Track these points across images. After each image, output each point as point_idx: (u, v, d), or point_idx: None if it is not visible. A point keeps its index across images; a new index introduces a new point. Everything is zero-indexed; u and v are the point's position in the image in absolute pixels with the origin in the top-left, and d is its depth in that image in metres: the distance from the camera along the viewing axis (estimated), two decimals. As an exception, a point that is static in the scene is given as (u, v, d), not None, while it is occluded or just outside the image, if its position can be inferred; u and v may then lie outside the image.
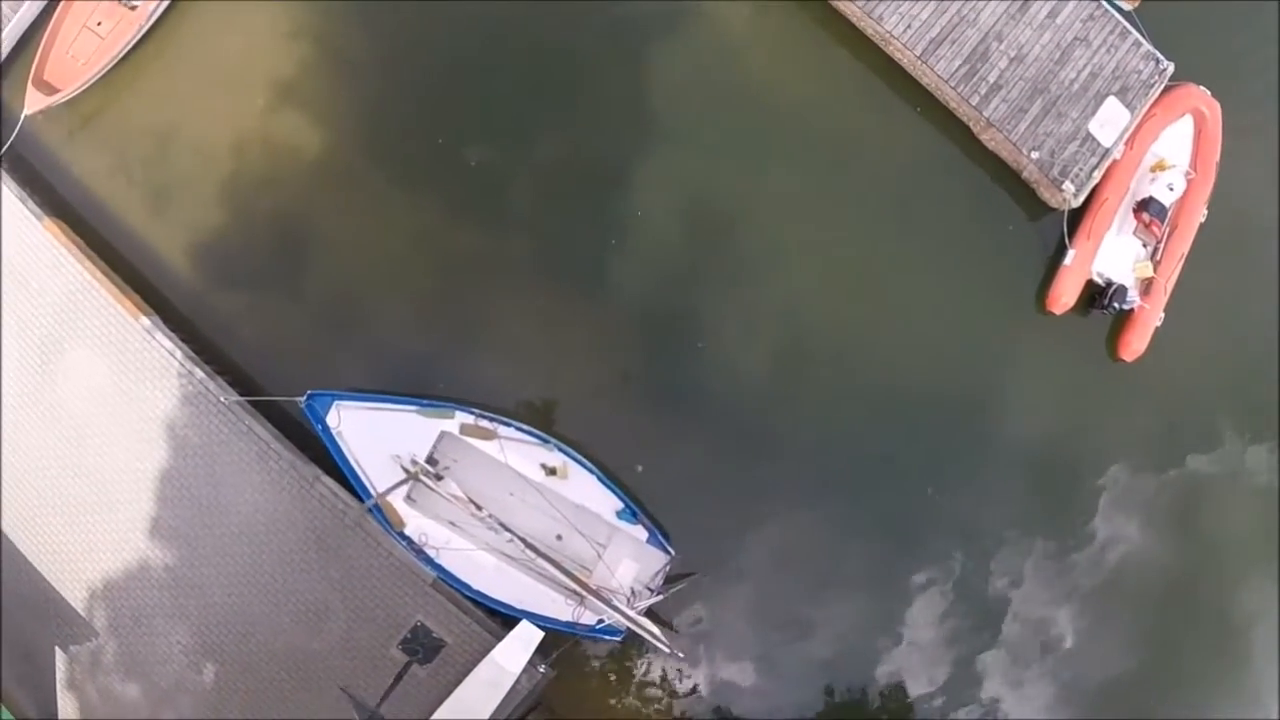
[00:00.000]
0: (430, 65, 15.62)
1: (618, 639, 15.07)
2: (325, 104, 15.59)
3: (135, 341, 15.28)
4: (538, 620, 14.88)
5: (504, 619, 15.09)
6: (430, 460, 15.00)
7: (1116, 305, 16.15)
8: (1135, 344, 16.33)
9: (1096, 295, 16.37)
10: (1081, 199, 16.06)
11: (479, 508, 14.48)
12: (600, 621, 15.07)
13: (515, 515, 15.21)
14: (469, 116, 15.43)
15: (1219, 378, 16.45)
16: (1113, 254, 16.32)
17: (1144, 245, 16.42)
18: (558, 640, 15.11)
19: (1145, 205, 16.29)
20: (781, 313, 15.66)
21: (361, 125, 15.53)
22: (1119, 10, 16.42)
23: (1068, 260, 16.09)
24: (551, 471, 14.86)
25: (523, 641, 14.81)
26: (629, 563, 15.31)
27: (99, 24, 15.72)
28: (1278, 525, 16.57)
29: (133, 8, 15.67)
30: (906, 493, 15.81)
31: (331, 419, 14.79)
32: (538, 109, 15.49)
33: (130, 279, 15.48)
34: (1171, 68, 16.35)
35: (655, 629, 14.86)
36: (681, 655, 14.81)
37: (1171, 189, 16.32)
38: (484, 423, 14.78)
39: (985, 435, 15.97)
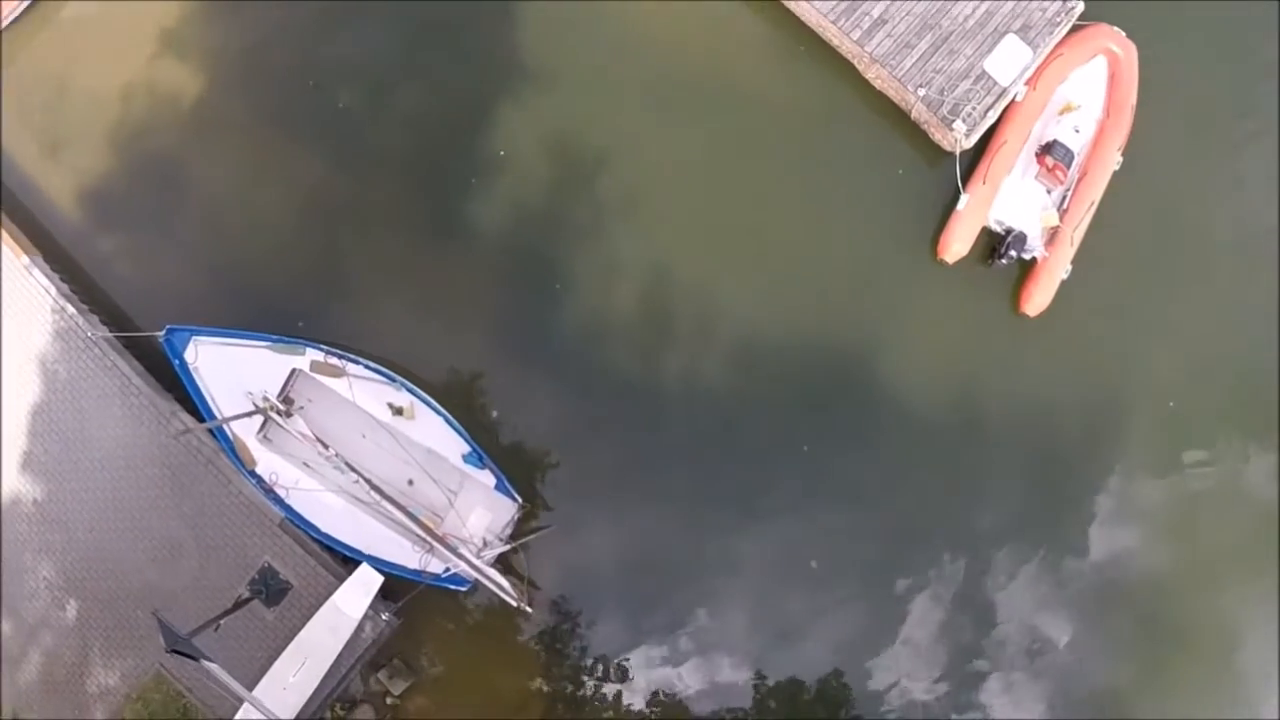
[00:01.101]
0: (306, 8, 15.77)
1: (464, 589, 14.52)
2: (207, 52, 15.93)
3: (14, 279, 15.70)
4: (381, 565, 14.49)
5: (351, 564, 14.73)
6: (286, 400, 14.88)
7: (1014, 253, 14.98)
8: (1038, 296, 15.09)
9: (996, 245, 15.34)
10: (973, 140, 15.06)
11: (326, 446, 14.20)
12: (448, 571, 14.56)
13: (367, 459, 14.86)
14: (340, 58, 15.48)
15: (1130, 336, 15.11)
16: (1013, 200, 15.19)
17: (1048, 192, 15.27)
18: (405, 589, 14.69)
19: (1049, 149, 15.14)
20: (650, 258, 15.07)
21: (239, 71, 15.79)
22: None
23: (960, 205, 15.03)
24: (399, 411, 14.52)
25: (363, 585, 14.42)
26: (481, 511, 14.79)
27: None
28: (1278, 523, 15.09)
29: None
30: (782, 446, 14.90)
31: (189, 354, 14.82)
32: (409, 49, 15.44)
33: (18, 219, 16.00)
34: (1081, 6, 15.29)
35: (503, 581, 14.22)
36: (529, 610, 14.11)
37: (1078, 131, 15.16)
38: (333, 360, 14.56)
39: (871, 388, 14.95)
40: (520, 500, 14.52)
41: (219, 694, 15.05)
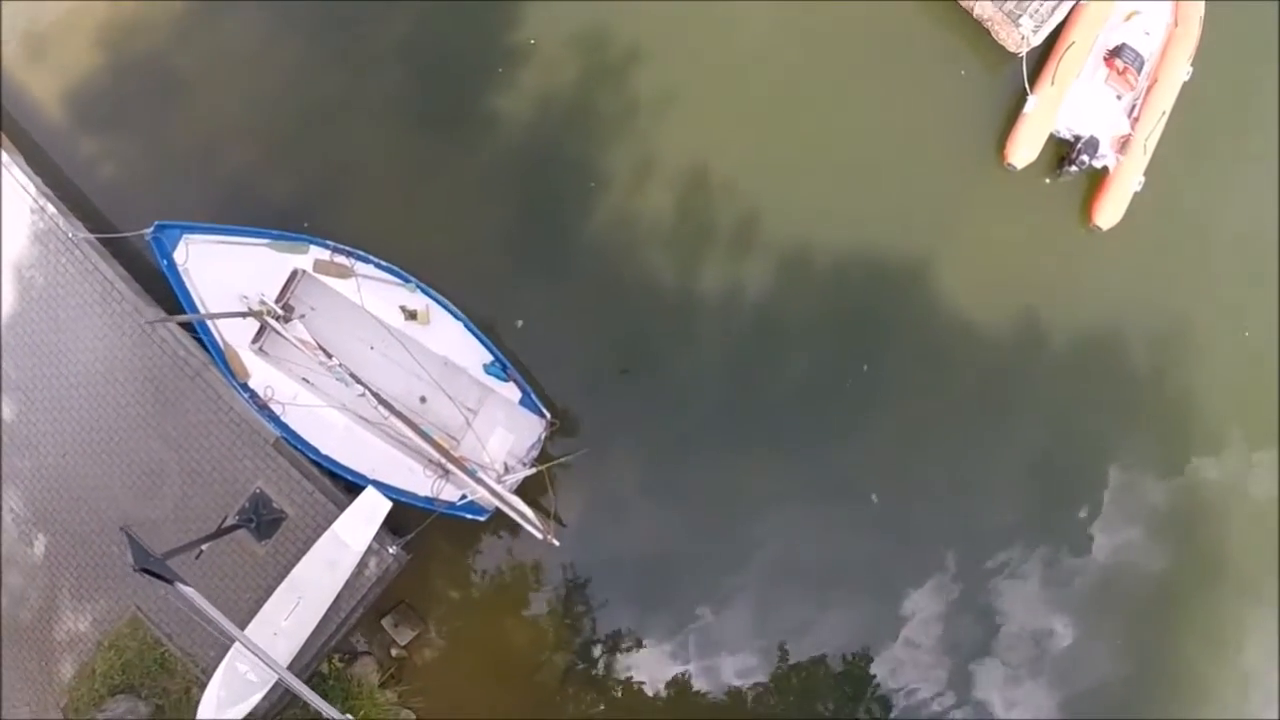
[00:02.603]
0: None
1: (483, 519, 12.93)
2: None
3: (-10, 177, 14.34)
4: (389, 491, 12.92)
5: (355, 492, 13.14)
6: (286, 306, 13.41)
7: (1086, 159, 13.83)
8: (1110, 208, 13.93)
9: (1066, 153, 14.20)
10: (1040, 38, 13.95)
11: (329, 355, 12.71)
12: (463, 498, 13.00)
13: (376, 372, 13.40)
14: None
15: (1207, 257, 14.01)
16: (1082, 105, 14.07)
17: (1118, 98, 14.21)
18: (414, 522, 13.12)
19: (1118, 52, 14.06)
20: (693, 159, 13.72)
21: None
22: None
23: (1028, 107, 13.90)
24: (412, 315, 13.03)
25: (367, 513, 12.80)
26: (502, 433, 13.25)
27: None
28: (1277, 520, 14.38)
29: None
30: (837, 368, 13.59)
31: (179, 254, 13.32)
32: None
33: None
34: (1150, -96, 14.45)
35: (527, 510, 12.69)
36: (555, 543, 12.56)
37: (1148, 34, 14.14)
38: (340, 258, 13.08)
39: (932, 301, 13.70)
40: (549, 416, 13.07)
41: (200, 641, 13.46)
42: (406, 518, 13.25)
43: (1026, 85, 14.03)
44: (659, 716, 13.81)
